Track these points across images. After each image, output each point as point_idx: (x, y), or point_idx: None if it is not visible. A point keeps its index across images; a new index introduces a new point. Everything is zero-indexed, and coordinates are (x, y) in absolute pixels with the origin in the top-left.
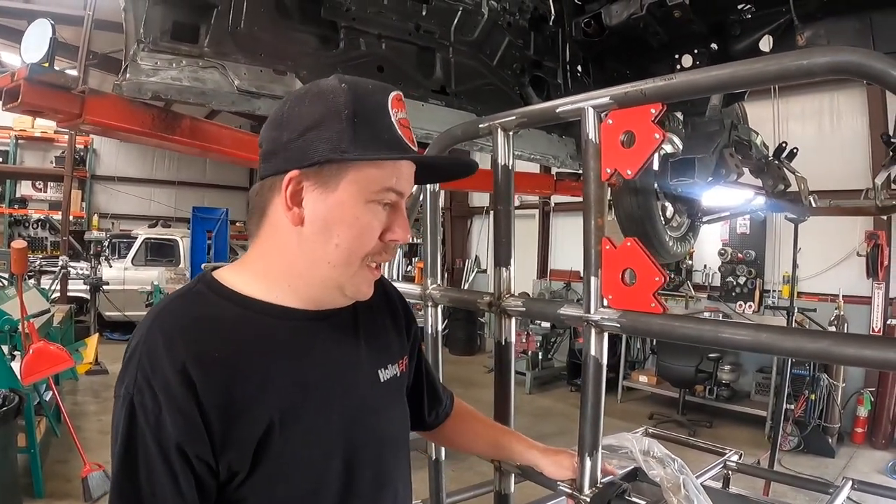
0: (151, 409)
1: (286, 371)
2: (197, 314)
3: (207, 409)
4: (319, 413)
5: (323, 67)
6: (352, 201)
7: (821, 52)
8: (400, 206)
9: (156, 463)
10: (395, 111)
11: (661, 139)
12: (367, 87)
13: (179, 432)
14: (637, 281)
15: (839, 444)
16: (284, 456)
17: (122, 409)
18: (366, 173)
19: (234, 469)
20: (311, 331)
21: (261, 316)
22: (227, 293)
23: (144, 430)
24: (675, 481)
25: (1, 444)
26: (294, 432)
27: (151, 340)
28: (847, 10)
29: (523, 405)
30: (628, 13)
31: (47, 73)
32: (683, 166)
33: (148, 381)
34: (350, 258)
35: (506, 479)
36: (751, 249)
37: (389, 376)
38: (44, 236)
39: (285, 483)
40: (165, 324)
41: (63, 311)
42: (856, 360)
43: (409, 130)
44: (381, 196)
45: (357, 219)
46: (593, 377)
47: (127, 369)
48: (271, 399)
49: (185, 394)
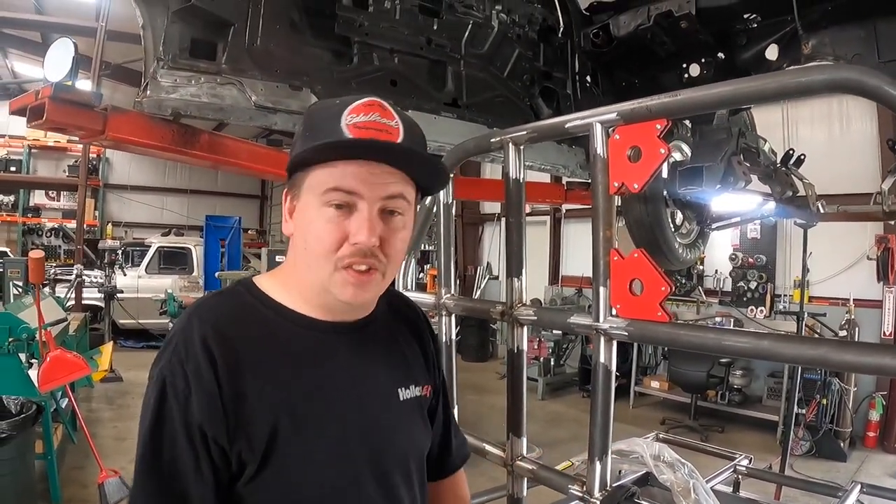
0: (182, 390)
1: (305, 378)
2: (233, 312)
3: (224, 393)
4: (332, 423)
5: (337, 82)
6: (309, 206)
7: (819, 70)
8: (358, 206)
9: (180, 441)
10: (351, 116)
11: (667, 154)
12: (329, 103)
13: (203, 414)
14: (644, 290)
15: (851, 449)
16: (293, 459)
17: (154, 388)
18: (315, 177)
19: (244, 460)
20: (334, 343)
21: (289, 323)
22: (262, 298)
23: (174, 408)
24: (685, 486)
25: (19, 450)
26: (305, 438)
27: (189, 329)
28: (851, 18)
29: (535, 411)
30: (636, 24)
31: (71, 92)
32: (692, 174)
33: (182, 364)
34: (319, 261)
35: (518, 483)
36: (762, 254)
37: (410, 396)
38: (57, 245)
39: (293, 487)
40: (203, 316)
41: (78, 320)
42: (854, 366)
43: (376, 131)
44: (329, 197)
45: (312, 222)
46: (602, 383)
47: (163, 353)
48: (286, 402)
49: (212, 380)
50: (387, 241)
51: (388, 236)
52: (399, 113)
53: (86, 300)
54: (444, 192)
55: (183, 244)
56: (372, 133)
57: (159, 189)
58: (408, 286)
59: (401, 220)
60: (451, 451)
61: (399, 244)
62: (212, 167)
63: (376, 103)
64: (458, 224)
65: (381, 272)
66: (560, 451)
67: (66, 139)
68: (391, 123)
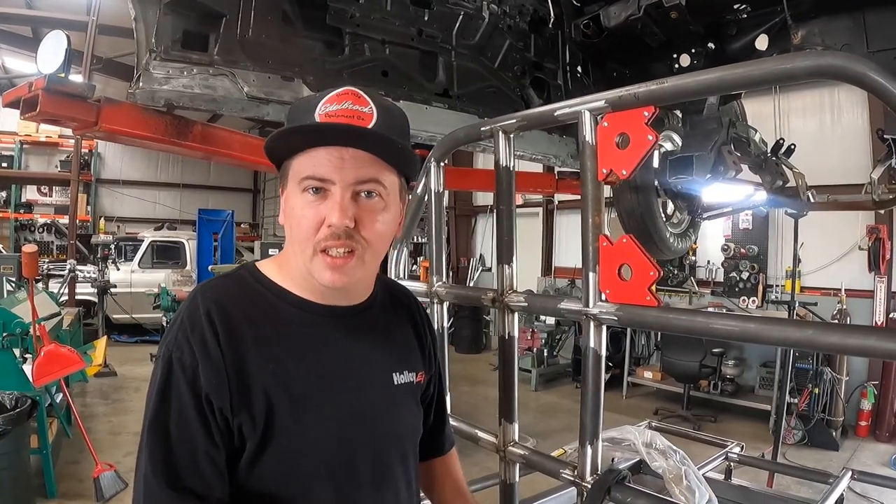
0: (189, 363)
1: (303, 359)
2: (236, 293)
3: (229, 368)
4: (329, 404)
5: (329, 73)
6: (291, 193)
7: (803, 56)
8: (331, 192)
9: (188, 409)
10: (325, 106)
11: (655, 140)
12: (310, 97)
13: (209, 385)
14: (633, 276)
15: (843, 438)
16: (290, 438)
17: (161, 363)
18: (294, 167)
19: (245, 435)
20: (332, 326)
21: (289, 305)
22: (263, 280)
23: (180, 380)
24: (677, 472)
25: (14, 445)
26: (302, 417)
27: (194, 308)
28: (840, 8)
29: (529, 402)
30: (626, 14)
31: (64, 84)
32: (682, 164)
33: (188, 339)
34: (302, 245)
35: (511, 469)
36: (753, 245)
37: (404, 381)
38: (50, 240)
39: (290, 465)
40: (208, 296)
41: (71, 314)
42: (839, 347)
43: (346, 117)
44: (306, 184)
45: (293, 208)
46: (593, 368)
47: (170, 331)
48: (285, 380)
49: (217, 352)
50: (363, 221)
51: (364, 216)
52: (376, 99)
53: (79, 295)
54: (434, 181)
55: (176, 238)
56: (341, 120)
57: (152, 183)
58: (400, 275)
59: (379, 201)
60: (444, 434)
61: (378, 226)
62: (204, 158)
63: (350, 92)
64: (451, 216)
65: (360, 256)
66: (553, 441)
67: (57, 134)
68: (363, 109)
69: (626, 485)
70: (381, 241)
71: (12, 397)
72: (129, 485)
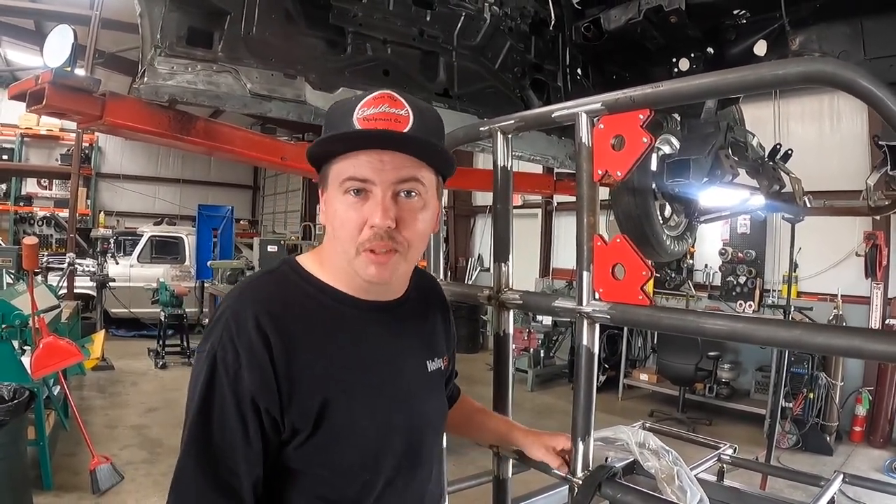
0: (232, 364)
1: (350, 351)
2: (281, 291)
3: (279, 371)
4: (374, 392)
5: (331, 71)
6: (332, 196)
7: (795, 62)
8: (373, 193)
9: (230, 411)
10: (363, 110)
11: (650, 143)
12: (346, 100)
13: (255, 386)
14: (626, 275)
15: (837, 443)
16: (341, 425)
17: (205, 362)
18: (335, 170)
19: (297, 427)
20: (372, 320)
21: (332, 301)
22: (306, 276)
23: (223, 381)
24: (669, 472)
25: (11, 436)
26: (351, 405)
27: (240, 307)
28: (838, 15)
29: (525, 402)
30: (626, 18)
31: (70, 78)
32: (680, 167)
33: (233, 340)
34: (345, 246)
35: (504, 465)
36: (751, 249)
37: (434, 368)
38: (49, 233)
39: (339, 450)
40: (255, 294)
41: (70, 308)
42: (825, 348)
43: (384, 121)
44: (347, 186)
45: (336, 211)
46: (585, 366)
47: (213, 330)
48: (335, 374)
49: (264, 354)
50: (404, 221)
51: (405, 216)
52: (410, 101)
53: (78, 289)
54: None
55: (175, 233)
56: (380, 124)
57: (152, 178)
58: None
59: (418, 200)
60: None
61: (419, 224)
62: (207, 154)
63: (386, 95)
64: (449, 216)
65: (402, 254)
66: None
67: (58, 128)
68: (400, 112)
69: (617, 481)
70: (421, 240)
71: (10, 389)
72: (124, 477)
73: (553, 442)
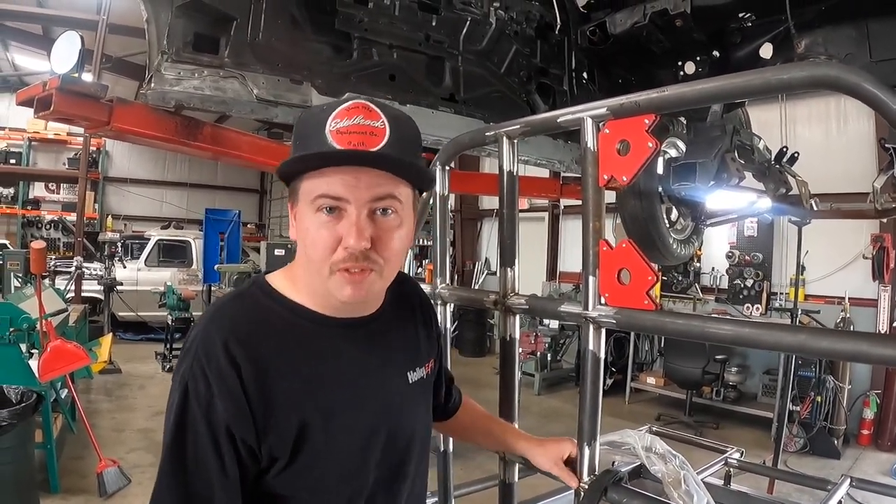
0: (204, 394)
1: (325, 373)
2: (250, 316)
3: (252, 399)
4: (354, 411)
5: (337, 77)
6: (304, 213)
7: (800, 66)
8: (347, 212)
9: (204, 442)
10: (335, 121)
11: (655, 148)
12: (315, 111)
13: (229, 416)
14: (632, 280)
15: (845, 446)
16: (320, 447)
17: (177, 392)
18: (306, 185)
19: (275, 455)
20: (348, 337)
21: (304, 321)
22: (277, 297)
23: (196, 412)
24: (676, 476)
25: (18, 439)
26: (331, 427)
27: (208, 336)
28: (844, 18)
29: (532, 406)
30: (632, 22)
31: (77, 83)
32: (686, 170)
33: (203, 370)
34: (317, 265)
35: (510, 469)
36: (758, 252)
37: (417, 378)
38: (57, 237)
39: (319, 473)
40: (223, 322)
41: (78, 311)
42: (830, 352)
43: (359, 134)
44: (319, 203)
45: (307, 229)
46: (591, 371)
47: (184, 359)
48: (311, 396)
49: (236, 384)
50: (380, 240)
51: (381, 235)
52: (386, 110)
53: (85, 292)
54: (439, 184)
55: (182, 237)
56: (354, 138)
57: (159, 182)
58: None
59: (395, 218)
60: (453, 389)
61: (395, 242)
62: (213, 159)
63: (360, 105)
64: (456, 220)
65: (378, 272)
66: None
67: (66, 132)
68: (375, 124)
69: (623, 485)
70: (397, 258)
71: (18, 392)
72: (131, 481)
73: (560, 452)
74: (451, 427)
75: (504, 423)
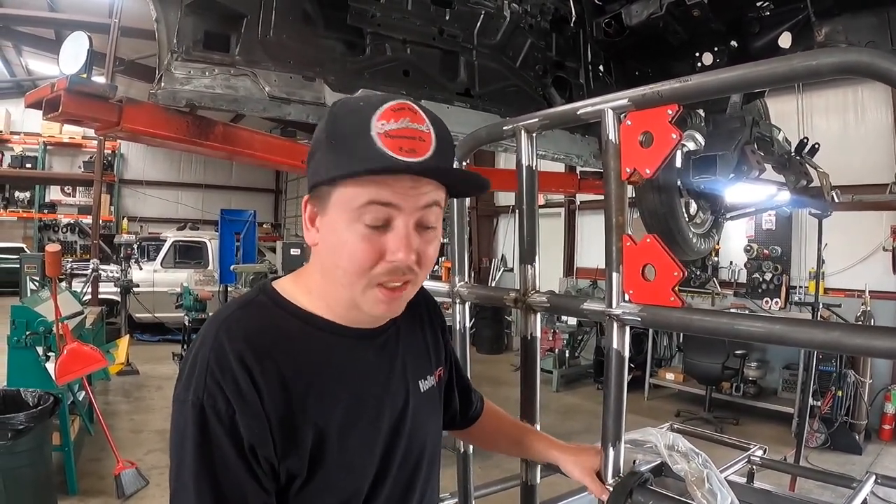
0: (225, 412)
1: (341, 384)
2: (260, 325)
3: (270, 416)
4: (369, 424)
5: (350, 73)
6: (338, 224)
7: (828, 52)
8: (397, 223)
9: (234, 463)
10: (381, 123)
11: (679, 139)
12: (352, 106)
13: (251, 434)
14: (657, 276)
15: (866, 441)
16: (337, 463)
17: (192, 413)
18: (346, 193)
19: (293, 473)
20: (362, 348)
21: (319, 332)
22: (287, 306)
23: (219, 432)
24: (699, 475)
25: (36, 442)
26: (347, 441)
27: (219, 348)
28: (864, 5)
29: (550, 403)
30: (648, 13)
31: (86, 84)
32: (705, 163)
33: (219, 385)
34: (351, 279)
35: (532, 471)
36: (777, 245)
37: (428, 387)
38: (73, 240)
39: (334, 487)
40: (232, 333)
41: (94, 313)
42: (866, 349)
43: (409, 139)
44: (363, 213)
45: (344, 242)
46: (616, 370)
47: (193, 375)
48: (328, 411)
49: (255, 400)
50: (422, 252)
51: (422, 248)
52: (427, 113)
53: (102, 294)
54: None
55: (198, 238)
56: (405, 143)
57: (174, 184)
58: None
59: (433, 232)
60: (472, 394)
61: (431, 251)
62: (226, 158)
63: (406, 107)
64: (472, 216)
65: (414, 283)
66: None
67: (80, 135)
68: (422, 128)
69: (649, 487)
70: (432, 264)
71: (35, 395)
72: (149, 482)
73: (594, 463)
74: (473, 435)
75: (532, 429)
